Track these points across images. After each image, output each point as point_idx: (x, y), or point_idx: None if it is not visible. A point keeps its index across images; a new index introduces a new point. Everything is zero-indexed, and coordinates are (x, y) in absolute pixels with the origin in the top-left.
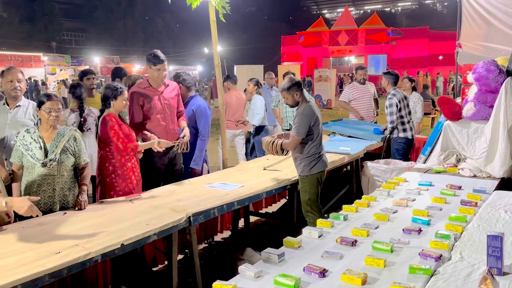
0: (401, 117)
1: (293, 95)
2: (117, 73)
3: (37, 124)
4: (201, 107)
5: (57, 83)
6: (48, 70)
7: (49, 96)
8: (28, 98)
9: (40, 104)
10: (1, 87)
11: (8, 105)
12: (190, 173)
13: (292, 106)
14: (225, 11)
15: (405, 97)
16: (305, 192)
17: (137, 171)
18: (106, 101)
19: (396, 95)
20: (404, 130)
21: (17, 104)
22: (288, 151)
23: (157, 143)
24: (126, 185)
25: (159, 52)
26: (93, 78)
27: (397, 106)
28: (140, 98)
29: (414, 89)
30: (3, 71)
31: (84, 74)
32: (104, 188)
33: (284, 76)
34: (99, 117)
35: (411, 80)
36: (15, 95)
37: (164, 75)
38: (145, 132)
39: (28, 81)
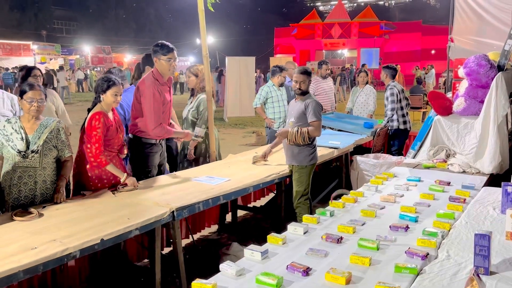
0: (401, 108)
1: (308, 81)
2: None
3: (15, 114)
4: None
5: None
6: (37, 59)
7: (31, 86)
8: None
9: (22, 94)
10: None
11: None
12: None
13: (301, 93)
14: (214, 0)
15: (403, 90)
16: (301, 183)
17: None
18: (96, 94)
19: (396, 86)
20: (404, 122)
21: None
22: (313, 138)
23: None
24: (103, 186)
25: (165, 42)
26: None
27: (397, 96)
28: (165, 99)
29: (367, 82)
30: None
31: None
32: (80, 183)
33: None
34: (89, 110)
35: (367, 74)
36: None
37: (175, 65)
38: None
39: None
